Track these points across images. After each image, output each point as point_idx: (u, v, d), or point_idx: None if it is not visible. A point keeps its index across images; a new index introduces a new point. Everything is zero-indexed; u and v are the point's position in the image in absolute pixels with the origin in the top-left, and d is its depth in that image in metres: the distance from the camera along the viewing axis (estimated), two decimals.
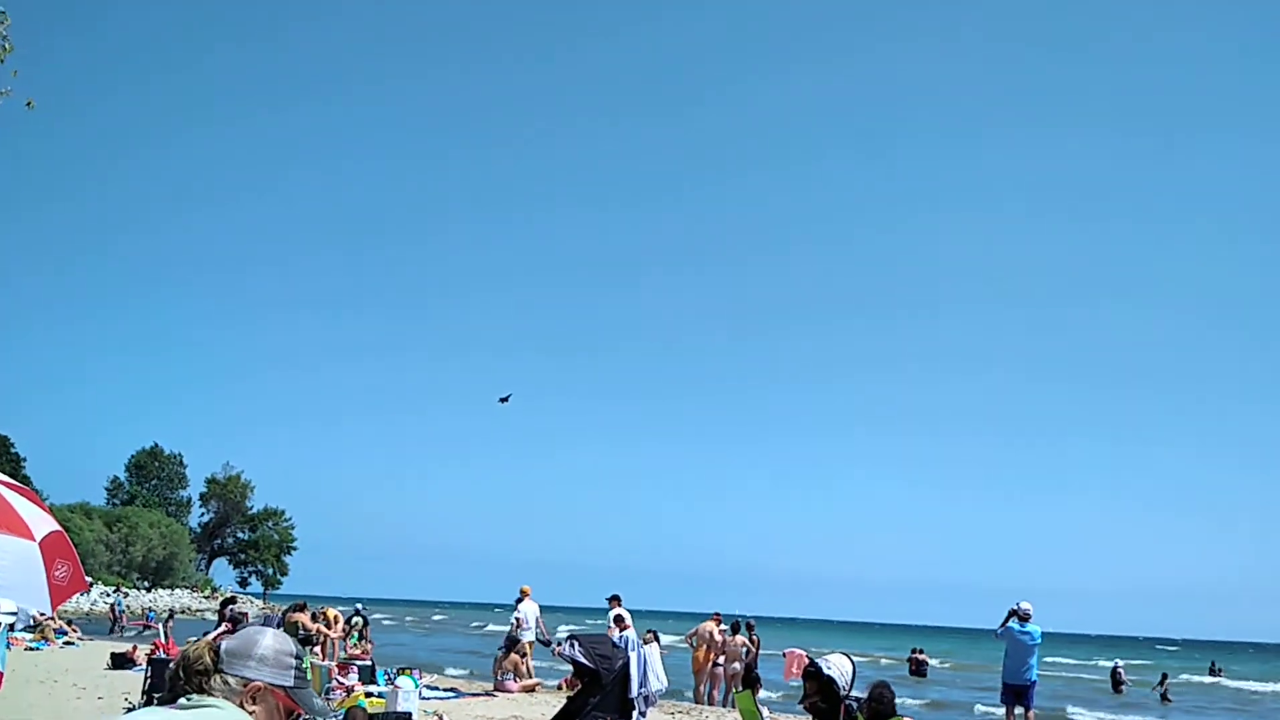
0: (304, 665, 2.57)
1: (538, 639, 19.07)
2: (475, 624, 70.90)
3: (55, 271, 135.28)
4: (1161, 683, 32.73)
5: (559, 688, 18.13)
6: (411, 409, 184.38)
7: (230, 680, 2.41)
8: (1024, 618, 14.02)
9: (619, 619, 16.38)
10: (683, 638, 20.35)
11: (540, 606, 19.34)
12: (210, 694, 2.39)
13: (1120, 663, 35.83)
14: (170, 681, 2.46)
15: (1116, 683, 33.41)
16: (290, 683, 2.48)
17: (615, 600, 17.78)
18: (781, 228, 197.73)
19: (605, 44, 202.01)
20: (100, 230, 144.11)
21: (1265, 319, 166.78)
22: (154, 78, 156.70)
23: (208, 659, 2.43)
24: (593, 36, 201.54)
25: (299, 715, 2.55)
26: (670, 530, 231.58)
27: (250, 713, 2.40)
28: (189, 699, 2.37)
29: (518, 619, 18.98)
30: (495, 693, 17.11)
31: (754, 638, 19.16)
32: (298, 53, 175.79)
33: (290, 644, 2.54)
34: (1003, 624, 14.19)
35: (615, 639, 16.95)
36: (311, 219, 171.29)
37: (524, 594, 19.22)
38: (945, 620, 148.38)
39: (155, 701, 2.48)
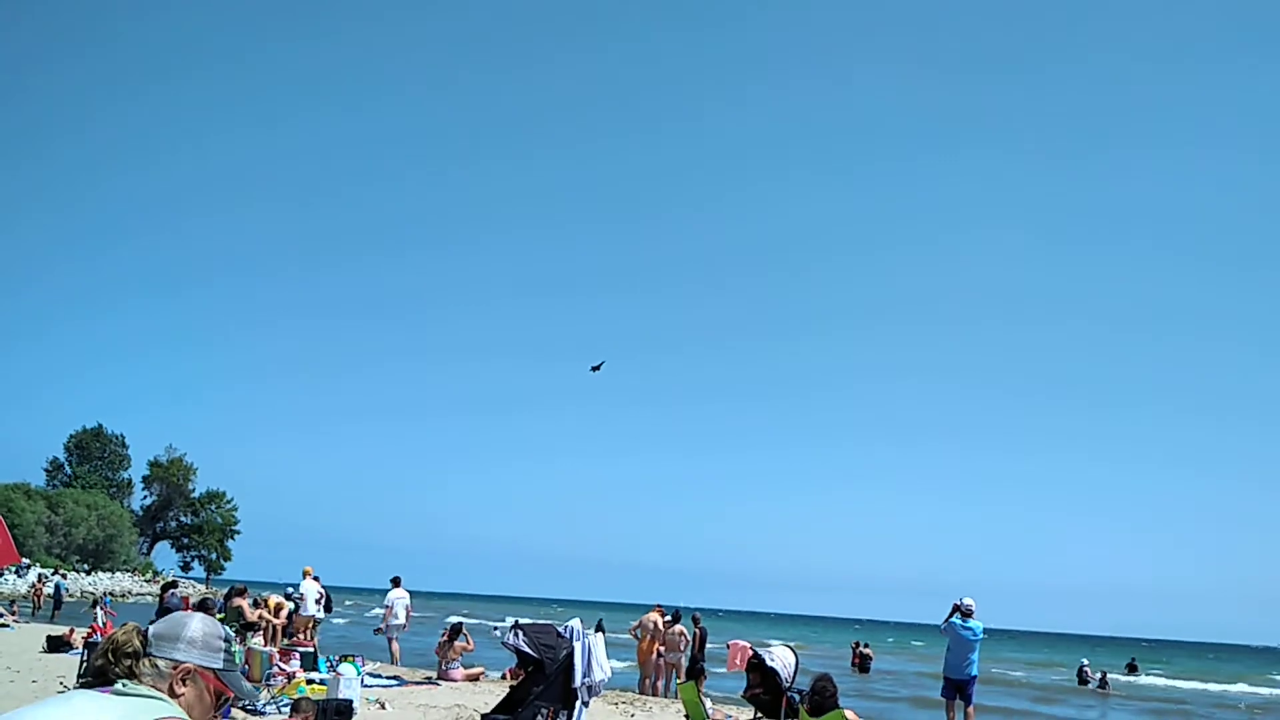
0: (233, 648, 2.54)
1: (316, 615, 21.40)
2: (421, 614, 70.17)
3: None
4: (1103, 682, 33.96)
5: (503, 677, 18.04)
6: (365, 402, 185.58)
7: (159, 663, 2.38)
8: (966, 613, 14.16)
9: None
10: (628, 629, 20.38)
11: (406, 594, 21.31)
12: (140, 677, 2.35)
13: (1086, 661, 36.84)
14: (95, 665, 2.40)
15: (1083, 680, 34.30)
16: (219, 665, 2.47)
17: (395, 581, 21.09)
18: (761, 246, 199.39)
19: (601, 54, 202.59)
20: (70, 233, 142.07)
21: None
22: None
23: (136, 642, 2.40)
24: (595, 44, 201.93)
25: (228, 698, 2.51)
26: (624, 528, 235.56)
27: (179, 694, 2.37)
28: (124, 684, 2.32)
29: (302, 595, 20.79)
30: (439, 681, 17.00)
31: (700, 629, 19.17)
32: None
33: (219, 626, 2.53)
34: (946, 619, 14.34)
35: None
36: (285, 227, 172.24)
37: (306, 574, 21.08)
38: (894, 615, 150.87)
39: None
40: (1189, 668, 57.58)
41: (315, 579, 21.58)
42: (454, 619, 21.24)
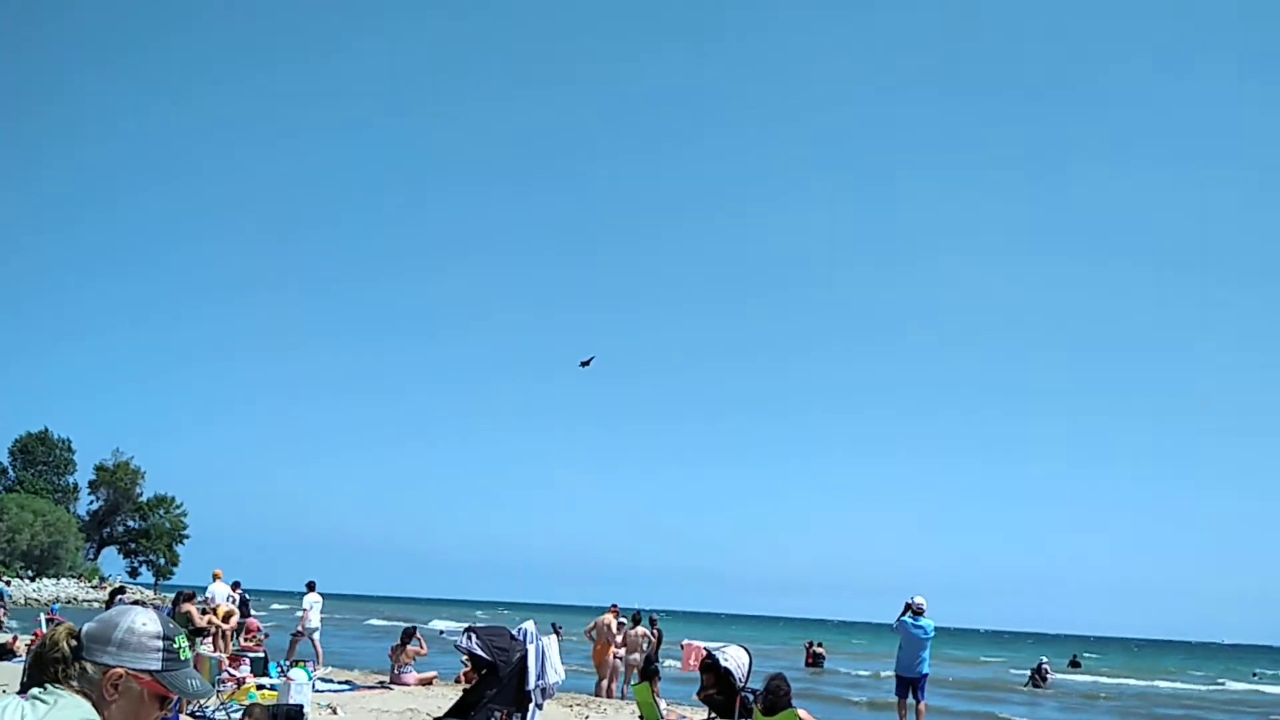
0: (176, 645, 2.32)
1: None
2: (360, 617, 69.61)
3: None
4: (1044, 676, 34.57)
5: (456, 680, 17.95)
6: (309, 395, 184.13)
7: (89, 668, 2.21)
8: (917, 612, 14.32)
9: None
10: (582, 632, 20.35)
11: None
12: (69, 683, 2.19)
13: (1045, 659, 37.21)
14: (28, 670, 2.26)
15: (1041, 678, 34.70)
16: (156, 666, 2.25)
17: (310, 586, 21.56)
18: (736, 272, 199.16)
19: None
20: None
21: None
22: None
23: (65, 646, 2.22)
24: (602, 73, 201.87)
25: (172, 700, 2.32)
26: (578, 527, 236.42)
27: (110, 701, 2.20)
28: (45, 688, 2.17)
29: (209, 598, 20.91)
30: (391, 685, 16.88)
31: (657, 630, 19.23)
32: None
33: (156, 624, 2.30)
34: (898, 618, 14.48)
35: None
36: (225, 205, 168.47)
37: (216, 576, 21.39)
38: (848, 615, 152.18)
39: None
40: (1129, 664, 58.92)
41: (236, 584, 21.82)
42: (377, 621, 21.41)
